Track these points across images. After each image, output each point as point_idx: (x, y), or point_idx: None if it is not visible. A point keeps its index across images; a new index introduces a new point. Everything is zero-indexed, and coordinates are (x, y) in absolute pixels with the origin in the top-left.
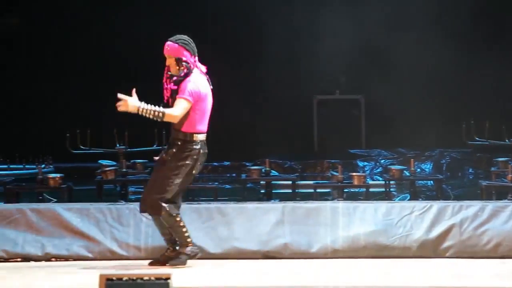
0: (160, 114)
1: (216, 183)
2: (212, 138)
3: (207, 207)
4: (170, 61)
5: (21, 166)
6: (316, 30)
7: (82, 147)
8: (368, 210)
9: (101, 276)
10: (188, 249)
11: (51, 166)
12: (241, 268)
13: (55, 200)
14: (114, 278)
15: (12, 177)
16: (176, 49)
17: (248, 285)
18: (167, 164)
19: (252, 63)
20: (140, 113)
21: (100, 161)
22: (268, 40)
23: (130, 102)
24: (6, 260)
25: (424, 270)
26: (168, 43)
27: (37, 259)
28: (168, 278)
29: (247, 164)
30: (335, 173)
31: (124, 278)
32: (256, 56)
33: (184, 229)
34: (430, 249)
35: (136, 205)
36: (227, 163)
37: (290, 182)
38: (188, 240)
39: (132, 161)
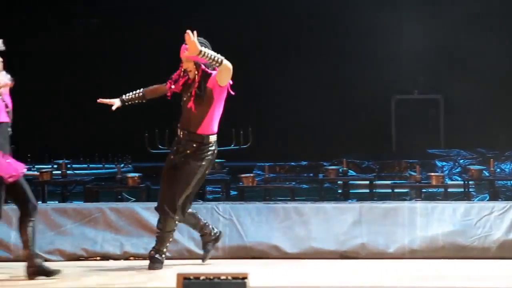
0: (219, 60)
1: (293, 183)
2: (290, 137)
3: (284, 206)
4: (189, 64)
5: (101, 165)
6: (395, 30)
7: (160, 146)
8: (447, 210)
9: (179, 275)
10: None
11: (130, 166)
12: (318, 268)
13: (134, 199)
14: (191, 277)
15: (92, 177)
16: None
17: (326, 285)
18: (183, 167)
19: (331, 63)
20: (201, 55)
21: None
22: (347, 40)
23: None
24: (85, 258)
25: (502, 271)
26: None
27: (116, 257)
28: (245, 278)
29: (325, 164)
30: (413, 173)
31: (201, 277)
32: (335, 56)
33: (170, 240)
34: (510, 250)
35: (213, 205)
36: (304, 163)
37: (367, 182)
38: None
39: None
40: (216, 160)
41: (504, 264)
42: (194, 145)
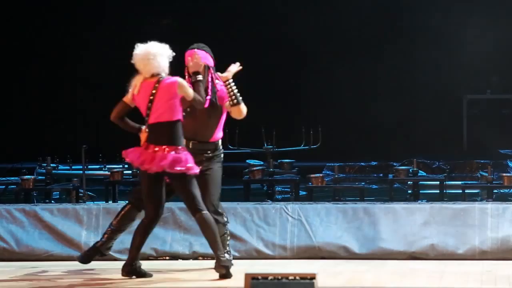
0: (237, 100)
1: (363, 183)
2: (360, 137)
3: (354, 207)
4: (199, 69)
5: None
6: (467, 29)
7: (230, 146)
8: None
9: (247, 275)
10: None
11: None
12: (387, 268)
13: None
14: (259, 277)
15: None
16: (205, 56)
17: (394, 286)
18: (208, 173)
19: (402, 63)
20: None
21: (247, 161)
22: (419, 39)
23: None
24: (155, 258)
25: None
26: (196, 50)
27: (184, 257)
28: (313, 278)
29: (395, 164)
30: (484, 174)
31: (269, 277)
32: (407, 55)
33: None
34: None
35: (282, 205)
36: (374, 163)
37: (437, 183)
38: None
39: (279, 160)
40: (286, 160)
41: None
42: (209, 153)
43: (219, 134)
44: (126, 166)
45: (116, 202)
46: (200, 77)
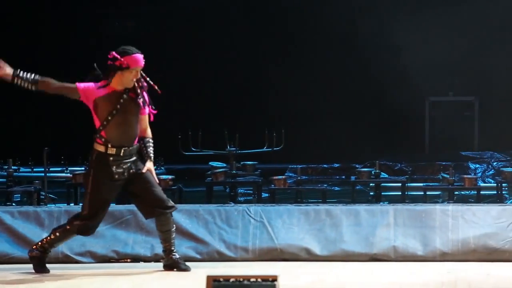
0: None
1: (325, 185)
2: (322, 140)
3: (316, 209)
4: (138, 74)
5: None
6: (430, 32)
7: (193, 148)
8: (479, 213)
9: (208, 277)
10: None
11: (162, 168)
12: (348, 270)
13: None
14: (221, 279)
15: None
16: None
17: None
18: (142, 172)
19: (365, 66)
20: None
21: (210, 163)
22: (381, 42)
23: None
24: (116, 260)
25: None
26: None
27: (146, 259)
28: (275, 280)
29: (357, 166)
30: (446, 176)
31: (231, 279)
32: (370, 58)
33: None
34: None
35: (245, 207)
36: (336, 165)
37: (400, 185)
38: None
39: (242, 162)
40: (248, 162)
41: None
42: (135, 156)
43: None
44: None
45: (77, 204)
46: None
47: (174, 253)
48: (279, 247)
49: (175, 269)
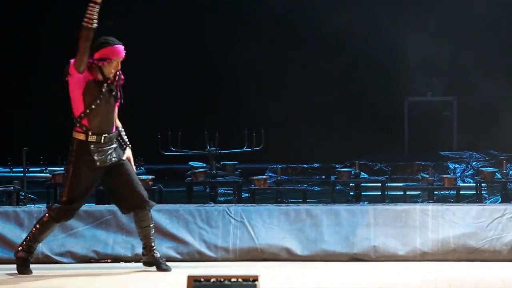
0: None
1: (306, 185)
2: (302, 139)
3: (296, 209)
4: (118, 65)
5: None
6: (408, 32)
7: (173, 148)
8: (458, 212)
9: (189, 277)
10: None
11: (142, 168)
12: (329, 270)
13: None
14: (201, 279)
15: None
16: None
17: (336, 287)
18: (125, 162)
19: (344, 65)
20: None
21: (190, 163)
22: (360, 42)
23: None
24: (96, 261)
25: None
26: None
27: (127, 260)
28: (256, 280)
29: (337, 166)
30: (425, 175)
31: (212, 280)
32: (349, 58)
33: None
34: None
35: (225, 207)
36: (316, 165)
37: (379, 184)
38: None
39: (222, 162)
40: (228, 162)
41: None
42: (115, 142)
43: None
44: None
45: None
46: None
47: (154, 251)
48: (260, 247)
49: (155, 268)
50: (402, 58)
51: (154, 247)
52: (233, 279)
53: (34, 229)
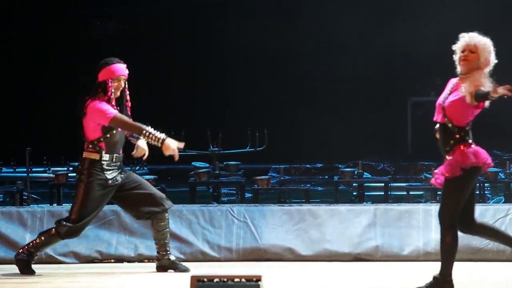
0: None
1: (309, 185)
2: (305, 139)
3: (299, 209)
4: (125, 83)
5: None
6: (411, 33)
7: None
8: None
9: (192, 277)
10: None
11: (145, 168)
12: (332, 270)
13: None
14: (205, 279)
15: None
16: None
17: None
18: (133, 175)
19: (347, 66)
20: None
21: (193, 163)
22: (364, 42)
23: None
24: (100, 261)
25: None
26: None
27: (130, 260)
28: (259, 280)
29: (340, 166)
30: (428, 176)
31: (215, 280)
32: (352, 58)
33: None
34: None
35: (228, 207)
36: (319, 165)
37: (382, 185)
38: None
39: (225, 163)
40: (231, 162)
41: None
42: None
43: None
44: (70, 169)
45: (60, 204)
46: None
47: (170, 255)
48: (263, 247)
49: (171, 270)
50: (406, 59)
51: (169, 251)
52: (236, 279)
53: (38, 239)
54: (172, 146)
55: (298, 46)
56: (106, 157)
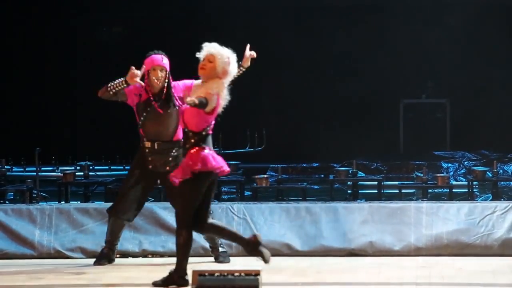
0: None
1: (305, 183)
2: (302, 140)
3: (296, 206)
4: (162, 74)
5: (121, 167)
6: (403, 36)
7: None
8: (451, 210)
9: (194, 271)
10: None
11: None
12: (328, 265)
13: (152, 199)
14: (206, 273)
15: (113, 178)
16: (169, 62)
17: (335, 281)
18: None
19: (342, 68)
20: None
21: None
22: (357, 45)
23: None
24: None
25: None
26: (163, 55)
27: (134, 255)
28: (258, 274)
29: (335, 165)
30: (419, 174)
31: (216, 274)
32: (346, 61)
33: None
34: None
35: (228, 205)
36: (316, 164)
37: (376, 183)
38: None
39: None
40: (231, 162)
41: (506, 261)
42: (174, 151)
43: (180, 133)
44: (78, 168)
45: (68, 202)
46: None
47: (218, 248)
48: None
49: (216, 261)
50: (398, 62)
51: (220, 244)
52: (236, 274)
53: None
54: (133, 71)
55: (297, 47)
56: (148, 144)
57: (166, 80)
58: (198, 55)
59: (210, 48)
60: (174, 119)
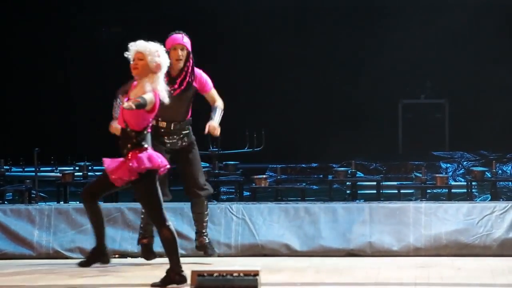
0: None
1: (304, 184)
2: (301, 140)
3: (295, 206)
4: (183, 53)
5: None
6: (403, 36)
7: None
8: (450, 210)
9: (193, 272)
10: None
11: None
12: (326, 265)
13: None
14: (205, 274)
15: None
16: (190, 42)
17: (333, 281)
18: (192, 150)
19: (341, 68)
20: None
21: None
22: (356, 46)
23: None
24: None
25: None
26: (183, 34)
27: (133, 255)
28: (257, 274)
29: (334, 165)
30: (418, 175)
31: (215, 274)
32: (346, 61)
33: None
34: (510, 248)
35: (227, 205)
36: (314, 164)
37: (375, 183)
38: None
39: (224, 162)
40: (230, 162)
41: (505, 262)
42: (187, 129)
43: (190, 112)
44: (77, 168)
45: (67, 203)
46: None
47: (204, 236)
48: (260, 243)
49: (203, 253)
50: (397, 62)
51: (205, 233)
52: (235, 274)
53: (142, 214)
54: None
55: (297, 47)
56: (163, 124)
57: (187, 60)
58: (126, 55)
59: (137, 47)
60: (189, 99)
